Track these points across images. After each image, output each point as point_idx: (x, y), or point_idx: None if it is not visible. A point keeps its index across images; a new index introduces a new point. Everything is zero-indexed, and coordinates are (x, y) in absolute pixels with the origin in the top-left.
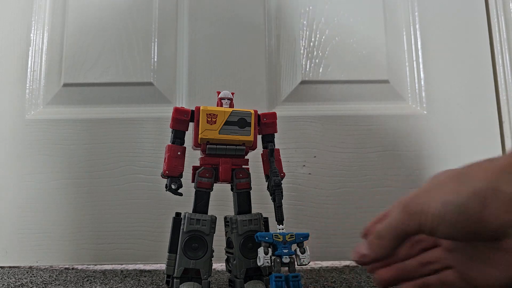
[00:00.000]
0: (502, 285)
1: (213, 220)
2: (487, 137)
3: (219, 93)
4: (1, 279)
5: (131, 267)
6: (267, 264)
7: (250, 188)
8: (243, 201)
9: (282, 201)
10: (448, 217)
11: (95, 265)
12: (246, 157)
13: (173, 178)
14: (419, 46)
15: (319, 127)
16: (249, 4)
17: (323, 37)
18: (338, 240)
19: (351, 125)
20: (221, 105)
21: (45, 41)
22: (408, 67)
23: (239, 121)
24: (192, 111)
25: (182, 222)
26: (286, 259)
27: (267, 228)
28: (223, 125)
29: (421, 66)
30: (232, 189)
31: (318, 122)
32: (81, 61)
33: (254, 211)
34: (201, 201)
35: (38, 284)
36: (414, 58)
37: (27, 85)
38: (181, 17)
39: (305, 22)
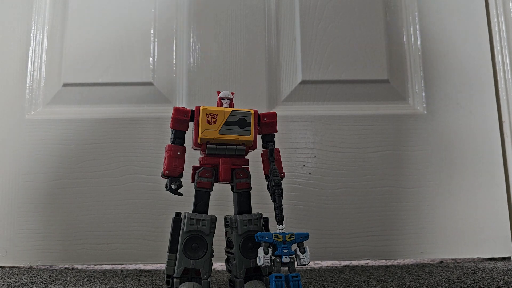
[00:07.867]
0: None
1: (213, 220)
2: (487, 137)
3: (219, 93)
4: (1, 279)
5: (131, 267)
6: (267, 264)
7: (250, 188)
8: (243, 201)
9: (282, 201)
10: None
11: (95, 265)
12: (246, 157)
13: (173, 178)
14: (419, 46)
15: (319, 127)
16: (249, 4)
17: (323, 37)
18: (338, 240)
19: (351, 125)
20: (221, 105)
21: (45, 41)
22: (408, 67)
23: (239, 121)
24: (192, 111)
25: (182, 222)
26: (286, 259)
27: (267, 228)
28: (223, 125)
29: (421, 66)
30: (232, 189)
31: (318, 122)
32: (81, 61)
33: (254, 211)
34: (201, 201)
35: (38, 284)
36: (414, 58)
37: (27, 85)
38: (181, 17)
39: (305, 22)
